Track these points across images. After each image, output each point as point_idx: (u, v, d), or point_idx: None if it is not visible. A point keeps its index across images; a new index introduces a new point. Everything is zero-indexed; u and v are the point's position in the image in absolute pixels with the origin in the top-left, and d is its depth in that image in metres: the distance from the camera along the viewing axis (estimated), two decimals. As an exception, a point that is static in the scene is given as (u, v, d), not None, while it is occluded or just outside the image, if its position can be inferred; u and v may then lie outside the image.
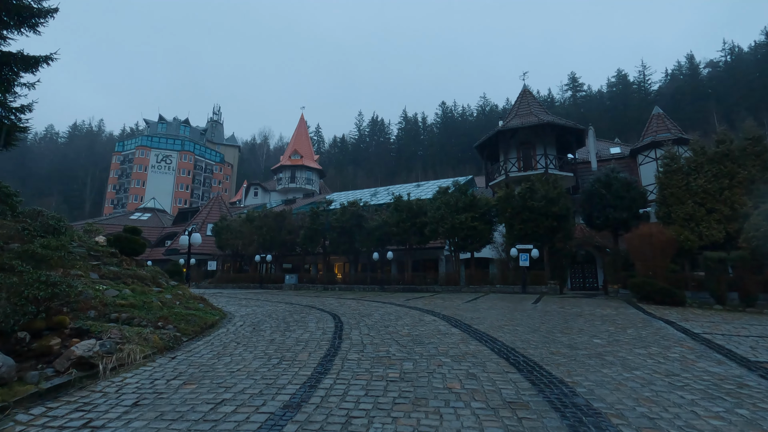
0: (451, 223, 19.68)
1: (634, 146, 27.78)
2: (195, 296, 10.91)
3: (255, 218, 27.28)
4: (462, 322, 9.42)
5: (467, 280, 21.00)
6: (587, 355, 6.12)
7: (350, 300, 15.65)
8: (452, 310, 11.80)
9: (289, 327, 8.87)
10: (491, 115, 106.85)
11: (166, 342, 6.62)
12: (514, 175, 24.94)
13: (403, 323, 9.23)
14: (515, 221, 18.97)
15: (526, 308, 12.43)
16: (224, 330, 8.44)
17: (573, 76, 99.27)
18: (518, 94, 29.58)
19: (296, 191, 53.28)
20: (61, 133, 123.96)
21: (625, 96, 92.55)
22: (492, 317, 10.30)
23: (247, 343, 7.14)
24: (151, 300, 8.60)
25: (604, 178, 17.36)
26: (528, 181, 19.48)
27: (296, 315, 10.79)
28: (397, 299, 16.10)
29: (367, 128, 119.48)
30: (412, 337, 7.53)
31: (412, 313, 11.05)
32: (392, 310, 11.79)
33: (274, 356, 6.16)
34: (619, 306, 12.89)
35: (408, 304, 13.56)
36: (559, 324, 9.12)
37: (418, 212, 22.05)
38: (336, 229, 23.65)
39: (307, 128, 60.56)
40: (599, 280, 26.58)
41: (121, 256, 10.59)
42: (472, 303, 14.18)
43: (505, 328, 8.60)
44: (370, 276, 23.94)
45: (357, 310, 11.78)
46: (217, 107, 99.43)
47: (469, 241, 20.05)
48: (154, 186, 70.56)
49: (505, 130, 25.51)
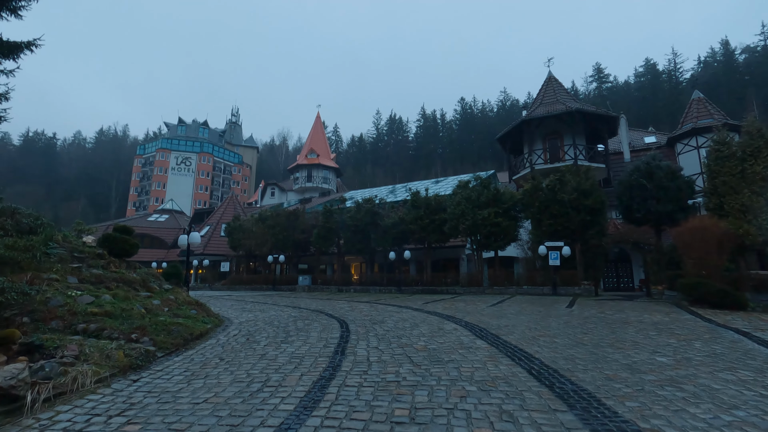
0: (473, 220, 18.23)
1: (672, 134, 25.62)
2: (190, 301, 9.92)
3: (267, 217, 26.43)
4: (488, 331, 8.07)
5: (490, 281, 19.50)
6: (657, 381, 4.71)
7: (363, 304, 14.46)
8: (476, 316, 10.45)
9: (288, 337, 7.74)
10: (512, 110, 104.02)
11: (133, 359, 5.55)
12: (540, 168, 23.27)
13: (419, 333, 7.96)
14: (543, 216, 17.38)
15: (561, 313, 10.95)
16: (213, 341, 7.37)
17: (598, 67, 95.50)
18: (542, 82, 27.78)
19: (313, 190, 52.57)
20: (89, 138, 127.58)
21: (654, 86, 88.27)
22: (522, 325, 8.91)
23: (233, 360, 6.01)
24: (132, 307, 7.60)
25: (645, 166, 15.58)
26: (558, 172, 17.84)
27: (300, 322, 9.67)
28: (414, 302, 14.82)
29: (385, 127, 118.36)
30: (428, 353, 6.26)
31: (430, 320, 9.77)
32: (408, 316, 10.53)
33: (257, 379, 5.00)
34: (670, 311, 11.25)
35: (426, 309, 12.27)
36: (606, 335, 7.66)
37: (437, 208, 20.67)
38: (350, 228, 22.51)
39: (323, 127, 59.84)
40: (635, 280, 24.63)
41: (109, 258, 9.69)
42: (497, 307, 12.77)
43: (540, 340, 7.21)
44: (387, 277, 22.71)
45: (369, 316, 10.57)
46: (235, 109, 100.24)
47: (493, 238, 18.55)
48: (174, 188, 71.28)
49: (529, 119, 23.84)
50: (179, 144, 75.80)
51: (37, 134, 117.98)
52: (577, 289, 16.60)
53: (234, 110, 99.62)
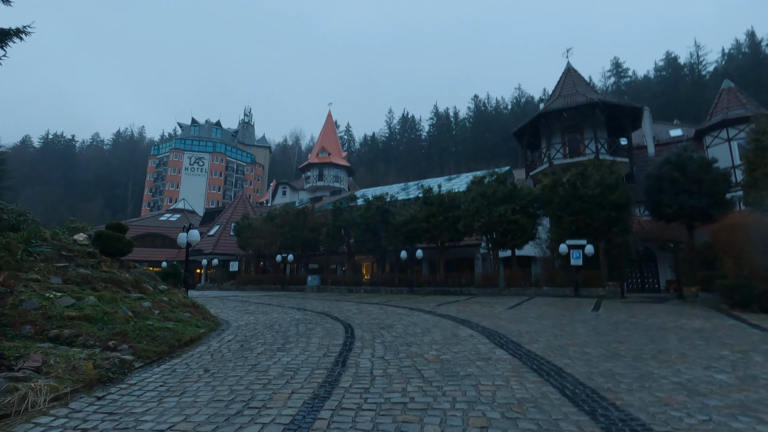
0: (489, 217, 17.31)
1: (701, 126, 24.19)
2: (186, 303, 9.29)
3: (276, 216, 25.90)
4: (508, 338, 7.22)
5: (507, 282, 18.53)
6: (725, 408, 3.82)
7: (372, 305, 13.69)
8: (493, 320, 9.59)
9: (286, 343, 7.03)
10: (527, 107, 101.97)
11: (104, 371, 4.88)
12: (558, 163, 22.16)
13: (431, 340, 7.16)
14: (564, 213, 16.36)
15: (587, 318, 10.01)
16: (203, 348, 6.70)
17: (616, 61, 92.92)
18: (560, 74, 26.60)
19: (324, 189, 52.10)
20: (106, 140, 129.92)
21: (676, 80, 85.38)
22: (546, 331, 8.02)
23: (219, 371, 5.31)
24: (117, 310, 6.96)
25: (676, 158, 14.43)
26: (580, 165, 16.78)
27: (302, 326, 8.96)
28: (426, 304, 14.00)
29: (397, 125, 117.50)
30: (441, 365, 5.45)
31: (443, 324, 8.95)
32: (419, 320, 9.73)
33: (240, 397, 4.27)
34: (709, 315, 10.20)
35: (439, 311, 11.44)
36: (645, 344, 6.74)
37: (451, 205, 19.78)
38: (360, 226, 21.78)
39: (334, 125, 59.34)
40: (660, 281, 23.34)
41: (101, 257, 9.12)
42: (515, 310, 11.87)
43: (569, 349, 6.34)
44: (398, 277, 21.92)
45: (377, 320, 9.81)
46: (248, 109, 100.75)
47: (510, 236, 17.58)
48: (187, 188, 71.74)
49: (547, 112, 22.75)
50: (192, 144, 76.30)
51: (56, 136, 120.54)
52: (602, 291, 15.52)
53: (246, 110, 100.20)
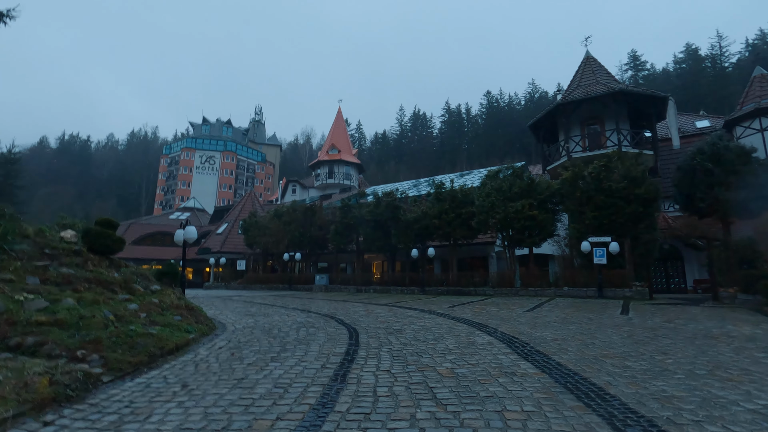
0: (504, 213, 16.35)
1: (730, 117, 22.79)
2: (178, 305, 8.61)
3: (283, 213, 25.29)
4: (532, 347, 6.36)
5: (523, 281, 17.53)
6: (834, 453, 2.92)
7: (381, 307, 12.91)
8: (513, 325, 8.71)
9: (282, 351, 6.29)
10: (540, 102, 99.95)
11: (62, 388, 4.17)
12: (578, 156, 21.05)
13: (444, 348, 6.34)
14: (586, 208, 15.32)
15: (617, 322, 9.05)
16: (189, 357, 5.99)
17: (634, 54, 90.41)
18: (579, 64, 25.40)
19: (334, 187, 51.48)
20: (121, 140, 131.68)
21: (696, 72, 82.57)
22: (575, 338, 7.13)
23: (199, 387, 4.57)
24: (96, 314, 6.30)
25: (710, 148, 13.27)
26: (603, 157, 15.70)
27: (304, 330, 8.22)
28: (439, 305, 13.16)
29: (408, 123, 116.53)
30: (457, 381, 4.64)
31: (458, 329, 8.12)
32: (431, 324, 8.91)
33: (212, 425, 3.51)
34: (756, 320, 9.16)
35: (453, 314, 10.60)
36: (695, 356, 5.81)
37: (464, 201, 18.86)
38: (369, 224, 20.99)
39: (344, 122, 58.69)
40: (687, 281, 22.08)
41: (88, 255, 8.50)
42: (536, 312, 10.95)
43: (606, 362, 5.44)
44: (409, 276, 21.07)
45: (385, 323, 9.01)
46: (258, 107, 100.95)
47: (527, 233, 16.61)
48: (198, 186, 71.93)
49: (565, 103, 21.64)
50: (203, 143, 76.49)
51: (72, 137, 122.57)
52: (628, 291, 14.46)
53: (257, 109, 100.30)
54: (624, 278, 14.79)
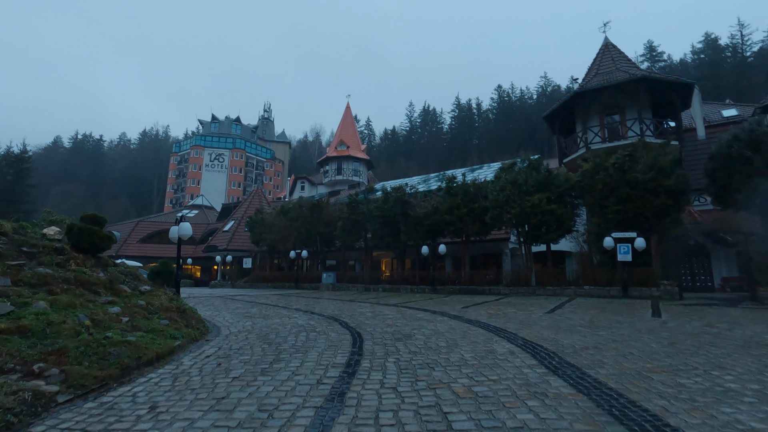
0: (520, 207, 15.43)
1: (761, 103, 21.42)
2: (169, 307, 7.95)
3: (290, 210, 24.65)
4: (561, 358, 5.53)
5: (539, 280, 16.59)
6: None
7: (389, 308, 12.13)
8: (534, 329, 7.87)
9: (276, 362, 5.57)
10: (553, 96, 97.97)
11: (1, 414, 3.48)
12: (597, 148, 19.96)
13: (459, 359, 5.55)
14: (609, 201, 14.33)
15: (651, 327, 8.14)
16: (170, 369, 5.29)
17: (650, 45, 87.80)
18: (597, 51, 24.19)
19: (343, 183, 50.82)
20: (133, 140, 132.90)
21: (716, 63, 79.90)
22: (608, 346, 6.27)
23: (170, 409, 3.85)
24: (68, 320, 5.63)
25: (747, 135, 12.17)
26: (628, 147, 14.66)
27: (304, 335, 7.50)
28: (451, 306, 12.34)
29: (418, 119, 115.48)
30: (476, 404, 3.84)
31: (473, 334, 7.31)
32: (444, 328, 8.11)
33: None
34: (810, 324, 8.15)
35: (466, 316, 9.78)
36: (762, 371, 4.91)
37: (476, 195, 17.97)
38: (378, 220, 20.22)
39: (353, 117, 57.91)
40: (714, 279, 20.88)
41: (71, 253, 7.87)
42: (557, 314, 10.07)
43: (654, 379, 4.58)
44: (420, 274, 20.24)
45: (392, 327, 8.24)
46: (267, 105, 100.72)
47: (544, 229, 15.67)
48: (208, 184, 71.94)
49: (583, 91, 20.52)
50: (212, 141, 76.45)
51: (85, 137, 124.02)
52: (655, 291, 13.45)
53: (266, 106, 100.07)
54: (651, 276, 13.77)
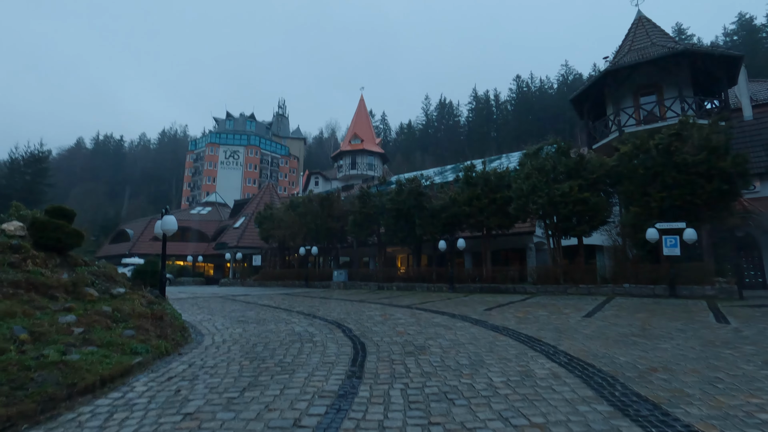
0: (548, 196, 13.85)
1: (819, 79, 19.11)
2: (142, 313, 6.83)
3: (299, 204, 23.57)
4: (624, 385, 4.12)
5: (570, 277, 14.92)
6: None
7: (402, 310, 10.82)
8: (577, 339, 6.45)
9: (249, 388, 4.34)
10: (574, 85, 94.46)
11: None
12: (632, 131, 18.11)
13: (487, 384, 4.21)
14: (652, 188, 12.64)
15: (723, 335, 6.60)
16: (111, 399, 4.11)
17: (678, 27, 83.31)
18: (629, 27, 22.17)
19: (357, 178, 49.63)
20: (152, 140, 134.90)
21: (751, 45, 75.15)
22: (682, 367, 4.81)
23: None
24: (-8, 334, 4.52)
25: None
26: (674, 125, 12.90)
27: (297, 346, 6.29)
28: (472, 307, 10.95)
29: (434, 112, 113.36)
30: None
31: (501, 347, 5.93)
32: (466, 337, 6.76)
33: None
34: None
35: (491, 320, 8.38)
36: None
37: (498, 185, 16.44)
38: (391, 212, 18.88)
39: (367, 110, 56.56)
40: (766, 274, 18.79)
41: (31, 251, 6.82)
42: (598, 318, 8.58)
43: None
44: (437, 271, 18.83)
45: (404, 336, 6.94)
46: (282, 101, 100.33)
47: (576, 220, 14.06)
48: (223, 181, 71.87)
49: (616, 69, 18.66)
50: (227, 138, 76.30)
51: (107, 137, 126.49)
52: (709, 289, 11.73)
53: (280, 102, 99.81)
54: (703, 273, 12.02)
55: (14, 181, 44.46)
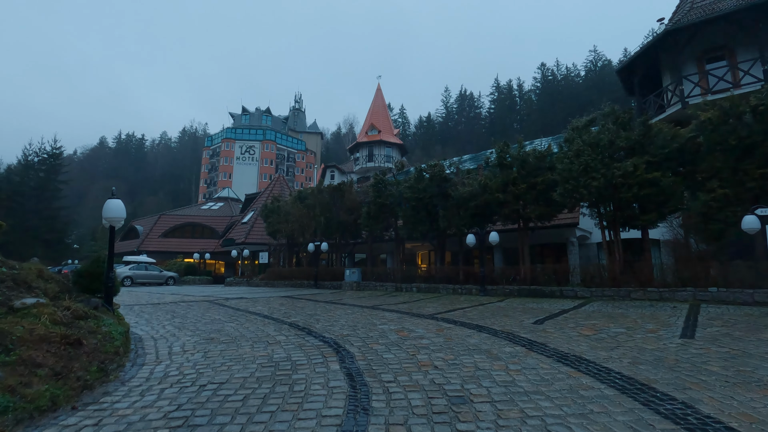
0: (606, 178, 11.16)
1: None
2: (48, 336, 4.71)
3: (307, 196, 21.44)
4: None
5: (632, 277, 12.12)
6: None
7: (425, 321, 8.45)
8: (706, 384, 3.90)
9: None
10: (603, 72, 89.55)
11: None
12: (697, 102, 15.11)
13: None
14: (742, 164, 9.87)
15: None
16: None
17: None
18: None
19: (374, 171, 47.28)
20: (173, 138, 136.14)
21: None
22: None
23: None
24: None
25: None
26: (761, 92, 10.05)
27: (263, 391, 3.99)
28: (516, 318, 8.50)
29: (454, 104, 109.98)
30: None
31: (593, 400, 3.43)
32: (527, 378, 4.32)
33: None
34: None
35: (553, 343, 5.92)
36: None
37: (538, 167, 13.82)
38: (410, 202, 16.48)
39: (384, 100, 54.06)
40: None
41: None
42: (707, 338, 6.03)
43: None
44: (464, 270, 16.28)
45: (430, 369, 4.57)
46: (298, 95, 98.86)
47: (640, 207, 11.35)
48: (239, 177, 70.77)
49: (677, 29, 15.66)
50: (243, 133, 75.16)
51: (129, 136, 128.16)
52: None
53: (297, 96, 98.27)
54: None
55: (28, 178, 44.10)
